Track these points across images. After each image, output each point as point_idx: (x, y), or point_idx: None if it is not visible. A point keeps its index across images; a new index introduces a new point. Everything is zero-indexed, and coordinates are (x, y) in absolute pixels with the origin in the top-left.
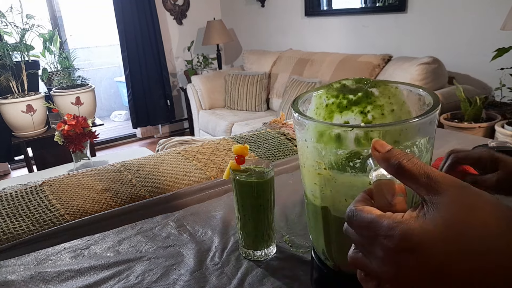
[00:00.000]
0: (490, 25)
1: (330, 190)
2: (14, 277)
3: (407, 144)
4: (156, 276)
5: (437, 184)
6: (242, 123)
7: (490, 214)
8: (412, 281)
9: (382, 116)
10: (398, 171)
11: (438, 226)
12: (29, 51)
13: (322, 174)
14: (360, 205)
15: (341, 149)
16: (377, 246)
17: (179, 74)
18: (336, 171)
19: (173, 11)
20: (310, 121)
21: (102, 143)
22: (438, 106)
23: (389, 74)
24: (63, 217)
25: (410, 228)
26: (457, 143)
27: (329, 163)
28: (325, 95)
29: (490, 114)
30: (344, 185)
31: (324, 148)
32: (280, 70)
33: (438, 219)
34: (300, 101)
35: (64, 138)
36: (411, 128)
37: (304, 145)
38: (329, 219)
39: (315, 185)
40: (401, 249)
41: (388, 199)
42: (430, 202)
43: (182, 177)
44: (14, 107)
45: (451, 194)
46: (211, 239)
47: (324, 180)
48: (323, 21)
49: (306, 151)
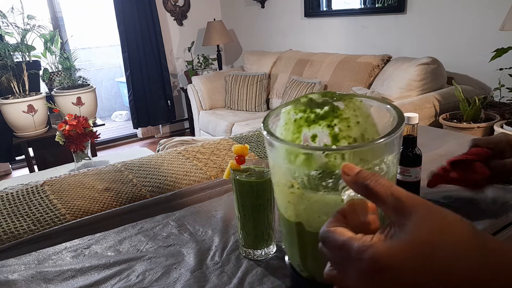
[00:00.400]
0: (489, 26)
1: (303, 208)
2: (15, 277)
3: (376, 162)
4: (157, 275)
5: (403, 205)
6: (242, 123)
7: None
8: None
9: (348, 128)
10: (366, 193)
11: (405, 248)
12: (30, 52)
13: (295, 193)
14: (332, 226)
15: (313, 169)
16: (350, 267)
17: (180, 75)
18: (309, 190)
19: (173, 12)
20: (281, 143)
21: (103, 143)
22: (403, 123)
23: (389, 75)
24: (64, 216)
25: (379, 251)
26: (456, 143)
27: (302, 183)
28: (293, 110)
29: (489, 114)
30: (317, 203)
31: (297, 169)
32: (280, 71)
33: (404, 241)
34: (269, 119)
35: (65, 138)
36: (378, 147)
37: (276, 165)
38: (304, 234)
39: (289, 203)
40: (372, 270)
41: (361, 218)
42: (397, 223)
43: (182, 177)
44: (15, 107)
45: (417, 215)
46: (212, 238)
47: (297, 198)
48: (323, 21)
49: (279, 171)
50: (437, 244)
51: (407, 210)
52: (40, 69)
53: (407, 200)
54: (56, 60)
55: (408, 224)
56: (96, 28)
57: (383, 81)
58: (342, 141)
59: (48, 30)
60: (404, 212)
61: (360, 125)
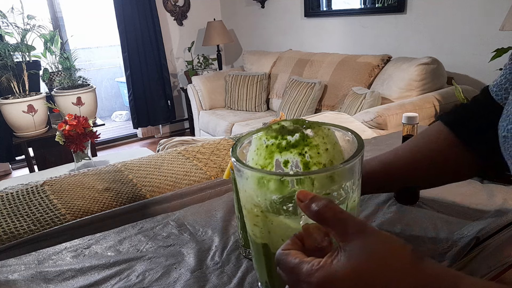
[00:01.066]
0: (489, 26)
1: (268, 231)
2: (15, 277)
3: (334, 187)
4: (157, 275)
5: (348, 231)
6: (242, 123)
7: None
8: None
9: (318, 155)
10: (317, 218)
11: (347, 273)
12: (30, 52)
13: (259, 216)
14: (288, 249)
15: (275, 195)
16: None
17: (180, 75)
18: (271, 214)
19: (173, 12)
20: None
21: (103, 143)
22: (362, 151)
23: (389, 75)
24: (64, 216)
25: (325, 275)
26: None
27: (265, 206)
28: (265, 137)
29: None
30: (280, 226)
31: (260, 194)
32: (280, 71)
33: (347, 266)
34: (239, 146)
35: (65, 138)
36: (337, 174)
37: (242, 189)
38: (270, 255)
39: (255, 226)
40: None
41: (316, 242)
42: (343, 249)
43: (182, 177)
44: (15, 107)
45: (360, 241)
46: (212, 238)
47: (261, 221)
48: (323, 21)
49: (245, 195)
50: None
51: (351, 236)
52: (40, 69)
53: (353, 226)
54: (56, 60)
55: (351, 250)
56: (96, 28)
57: (383, 81)
58: (313, 167)
59: (48, 30)
60: (349, 238)
61: (328, 152)
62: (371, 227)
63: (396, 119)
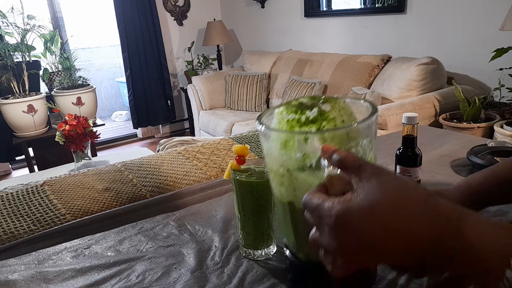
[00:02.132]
0: (489, 26)
1: (293, 189)
2: (15, 277)
3: (352, 144)
4: (157, 275)
5: (366, 173)
6: (242, 123)
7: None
8: (350, 251)
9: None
10: (340, 165)
11: (364, 206)
12: (30, 52)
13: (285, 175)
14: (313, 193)
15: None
16: (323, 224)
17: (180, 75)
18: (296, 171)
19: (173, 12)
20: (274, 131)
21: (103, 143)
22: (376, 113)
23: (389, 75)
24: (64, 216)
25: (343, 209)
26: (456, 143)
27: (291, 165)
28: (286, 111)
29: (489, 114)
30: (304, 183)
31: (286, 154)
32: (280, 71)
33: (364, 201)
34: (264, 116)
35: (65, 138)
36: (352, 131)
37: (269, 153)
38: (295, 211)
39: (282, 186)
40: (337, 225)
41: (338, 190)
42: (360, 187)
43: (182, 177)
44: (15, 107)
45: (376, 181)
46: (212, 238)
47: (287, 180)
48: (323, 22)
49: (272, 158)
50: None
51: (369, 177)
52: (40, 69)
53: (370, 169)
54: (56, 60)
55: (368, 187)
56: (96, 28)
57: (383, 81)
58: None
59: (48, 30)
60: (366, 178)
61: (345, 123)
62: (388, 169)
63: (396, 119)
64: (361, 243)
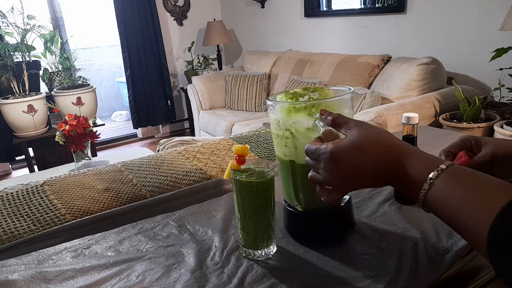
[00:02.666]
0: (489, 26)
1: (295, 147)
2: (15, 277)
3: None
4: (157, 275)
5: (350, 125)
6: (242, 123)
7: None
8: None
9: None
10: (332, 123)
11: (348, 145)
12: (30, 52)
13: (289, 138)
14: (312, 142)
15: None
16: (319, 161)
17: (180, 75)
18: (297, 132)
19: (173, 12)
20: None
21: (103, 143)
22: (351, 91)
23: (388, 75)
24: (64, 216)
25: (335, 147)
26: None
27: (294, 128)
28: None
29: (489, 114)
30: (304, 140)
31: (290, 119)
32: (280, 71)
33: (349, 142)
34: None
35: (65, 138)
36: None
37: (275, 121)
38: (295, 167)
39: (285, 147)
40: (330, 159)
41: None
42: (347, 134)
43: (182, 177)
44: (15, 107)
45: (356, 129)
46: (212, 238)
47: (291, 141)
48: (323, 21)
49: (278, 125)
50: (366, 142)
51: (352, 127)
52: (40, 69)
53: (353, 122)
54: (56, 60)
55: (352, 133)
56: (96, 28)
57: (383, 81)
58: None
59: (48, 30)
60: (350, 128)
61: None
62: (366, 122)
63: (396, 119)
64: (348, 172)
